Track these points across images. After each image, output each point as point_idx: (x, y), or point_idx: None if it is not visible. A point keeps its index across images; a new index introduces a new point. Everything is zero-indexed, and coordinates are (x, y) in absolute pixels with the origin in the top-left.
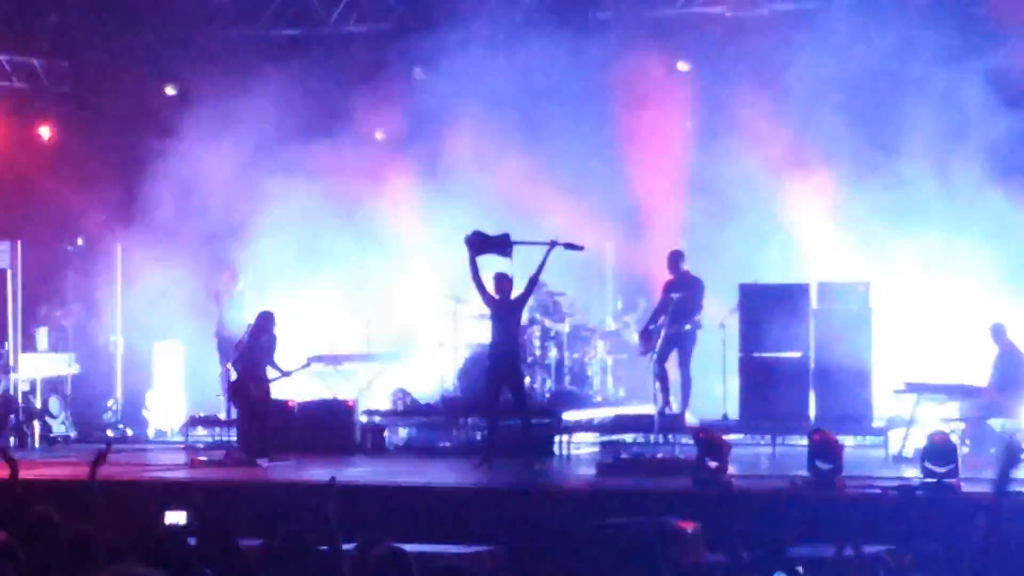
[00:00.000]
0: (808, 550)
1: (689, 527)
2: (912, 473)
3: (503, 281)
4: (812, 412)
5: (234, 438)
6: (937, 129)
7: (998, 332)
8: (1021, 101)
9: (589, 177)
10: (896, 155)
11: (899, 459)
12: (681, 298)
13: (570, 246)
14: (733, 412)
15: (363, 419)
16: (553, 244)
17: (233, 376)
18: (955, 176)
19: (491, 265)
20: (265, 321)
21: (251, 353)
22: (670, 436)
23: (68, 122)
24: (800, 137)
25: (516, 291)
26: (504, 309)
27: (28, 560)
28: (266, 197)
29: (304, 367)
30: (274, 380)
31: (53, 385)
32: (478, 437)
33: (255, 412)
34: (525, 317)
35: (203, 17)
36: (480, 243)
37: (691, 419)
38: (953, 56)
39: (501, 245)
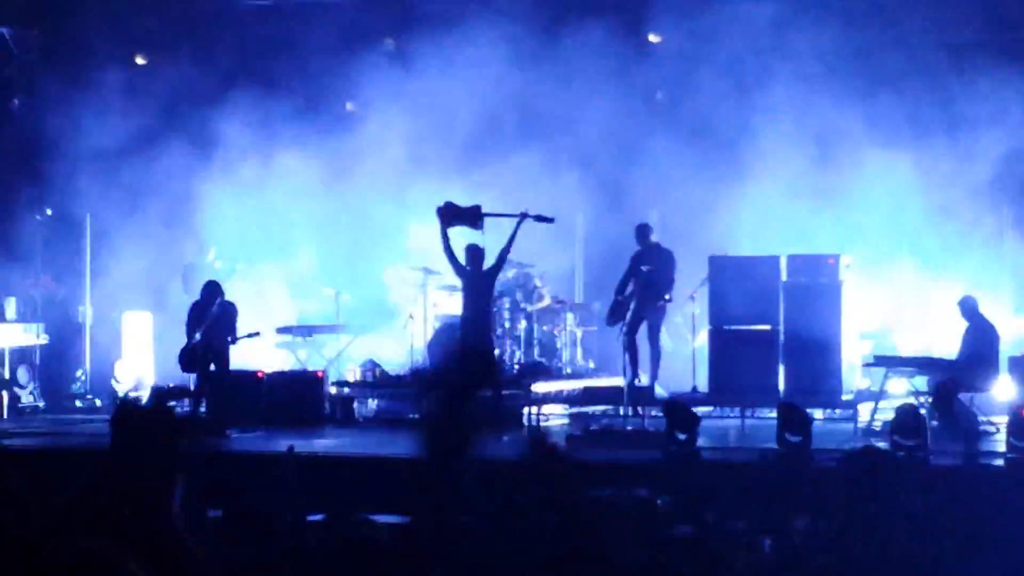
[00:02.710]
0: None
1: (658, 499)
2: (881, 446)
3: (475, 252)
4: (781, 385)
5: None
6: (911, 101)
7: (967, 305)
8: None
9: (559, 148)
10: (869, 127)
11: (868, 432)
12: (651, 270)
13: (540, 218)
14: (702, 384)
15: (332, 390)
16: (524, 216)
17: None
18: (929, 148)
19: (462, 237)
20: (211, 290)
21: (212, 323)
22: (639, 408)
23: (38, 92)
24: (772, 108)
25: (488, 263)
26: (475, 281)
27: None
28: (235, 167)
29: (252, 335)
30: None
31: (21, 355)
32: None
33: (217, 381)
34: (496, 291)
35: None
36: (451, 214)
37: (660, 391)
38: (928, 30)
39: (472, 216)
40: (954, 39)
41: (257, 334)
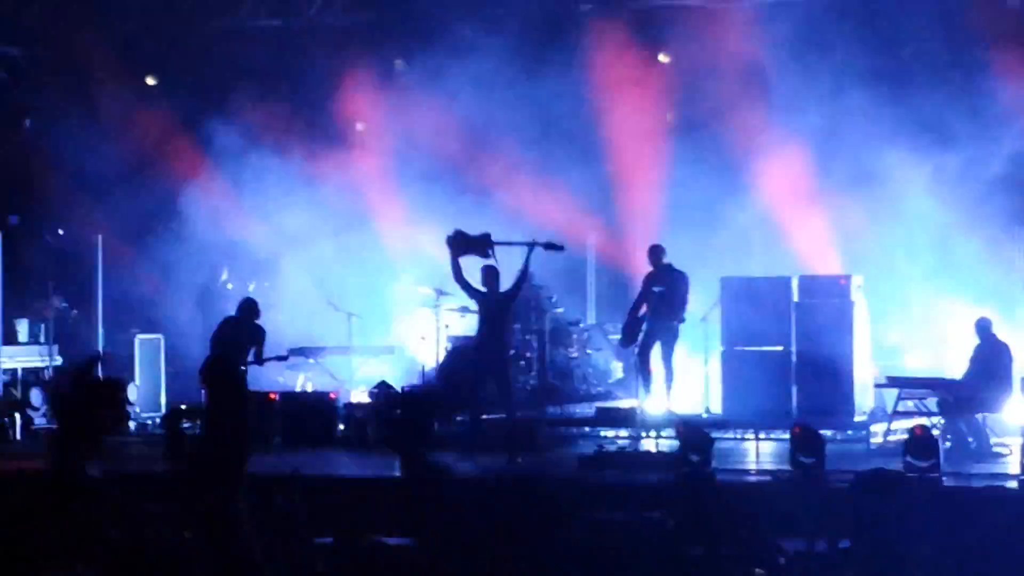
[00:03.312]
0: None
1: (671, 521)
2: (894, 467)
3: (491, 273)
4: (794, 406)
5: None
6: (923, 121)
7: (981, 325)
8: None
9: (570, 170)
10: (881, 148)
11: (881, 453)
12: (663, 292)
13: (550, 246)
14: (715, 406)
15: (345, 412)
16: (533, 244)
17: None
18: (942, 169)
19: (474, 264)
20: (250, 307)
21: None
22: (652, 430)
23: (49, 113)
24: (782, 129)
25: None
26: (491, 303)
27: None
28: (247, 189)
29: (280, 358)
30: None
31: (34, 377)
32: (461, 430)
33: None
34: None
35: (184, 7)
36: (461, 243)
37: (673, 413)
38: (934, 49)
39: (482, 245)
40: (972, 55)
41: (286, 357)
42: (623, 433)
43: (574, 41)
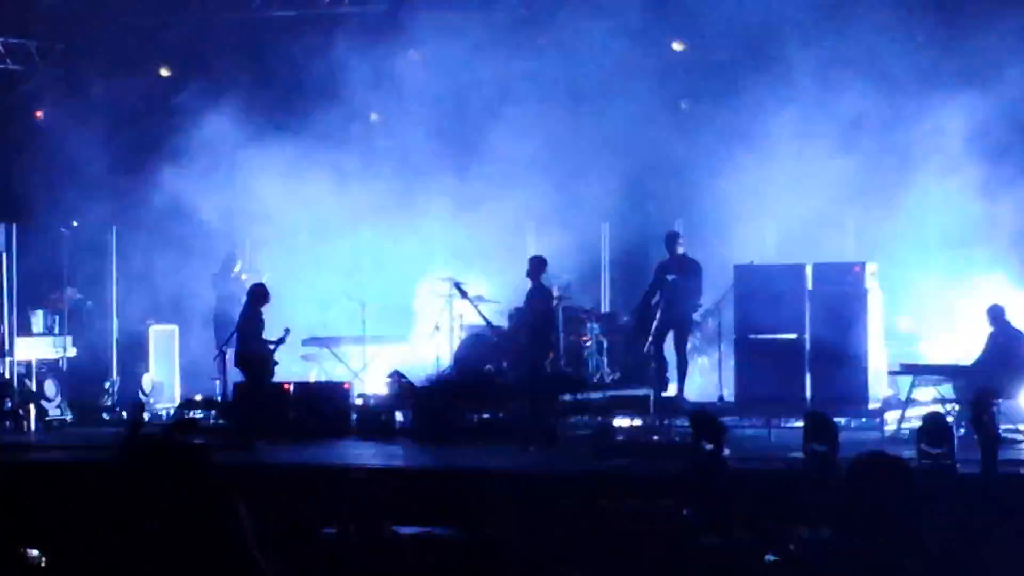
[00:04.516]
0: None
1: (685, 509)
2: (907, 455)
3: (536, 263)
4: (808, 394)
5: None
6: (938, 108)
7: (994, 312)
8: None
9: (584, 158)
10: (895, 134)
11: (895, 440)
12: (677, 280)
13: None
14: (729, 394)
15: (359, 402)
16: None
17: (229, 353)
18: (954, 156)
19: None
20: (262, 291)
21: (251, 325)
22: (666, 418)
23: (63, 104)
24: (798, 116)
25: None
26: (532, 293)
27: None
28: (261, 178)
29: (280, 341)
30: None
31: (49, 368)
32: (474, 420)
33: (254, 392)
34: None
35: None
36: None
37: (687, 401)
38: (947, 36)
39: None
40: (992, 45)
41: (284, 339)
42: (636, 421)
43: (588, 30)
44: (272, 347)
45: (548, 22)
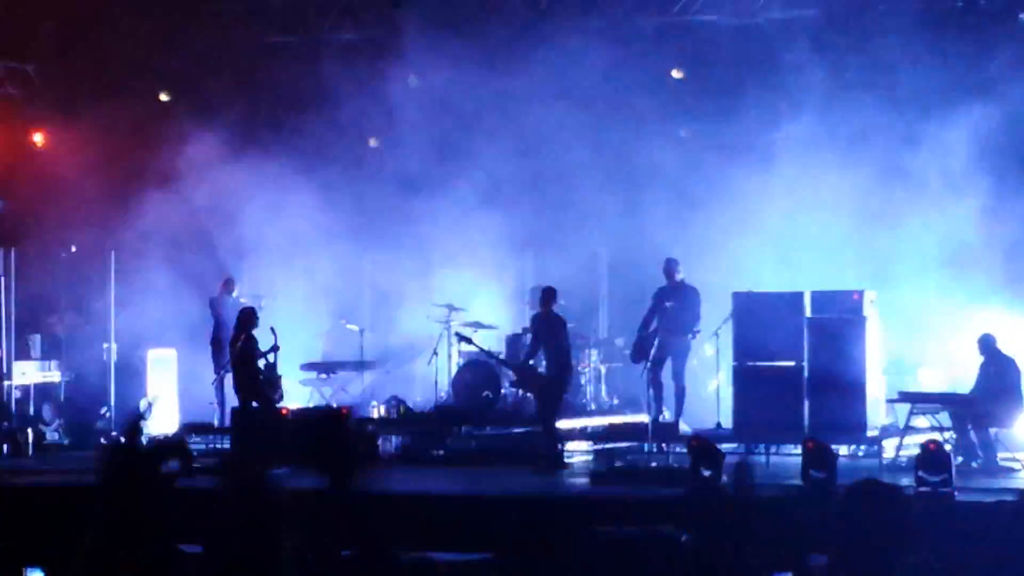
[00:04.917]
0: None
1: (682, 536)
2: (906, 482)
3: (544, 294)
4: (806, 421)
5: (227, 445)
6: (937, 137)
7: (986, 343)
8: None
9: (582, 184)
10: (895, 160)
11: (893, 468)
12: (675, 307)
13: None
14: (727, 421)
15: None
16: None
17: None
18: (954, 184)
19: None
20: (251, 317)
21: (248, 356)
22: (664, 445)
23: (62, 128)
24: (795, 145)
25: None
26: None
27: None
28: (260, 203)
29: (274, 347)
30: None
31: (46, 392)
32: (473, 445)
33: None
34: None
35: (198, 24)
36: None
37: (684, 428)
38: (947, 62)
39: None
40: (993, 65)
41: (276, 345)
42: (635, 448)
43: (586, 58)
44: (271, 359)
45: (547, 46)
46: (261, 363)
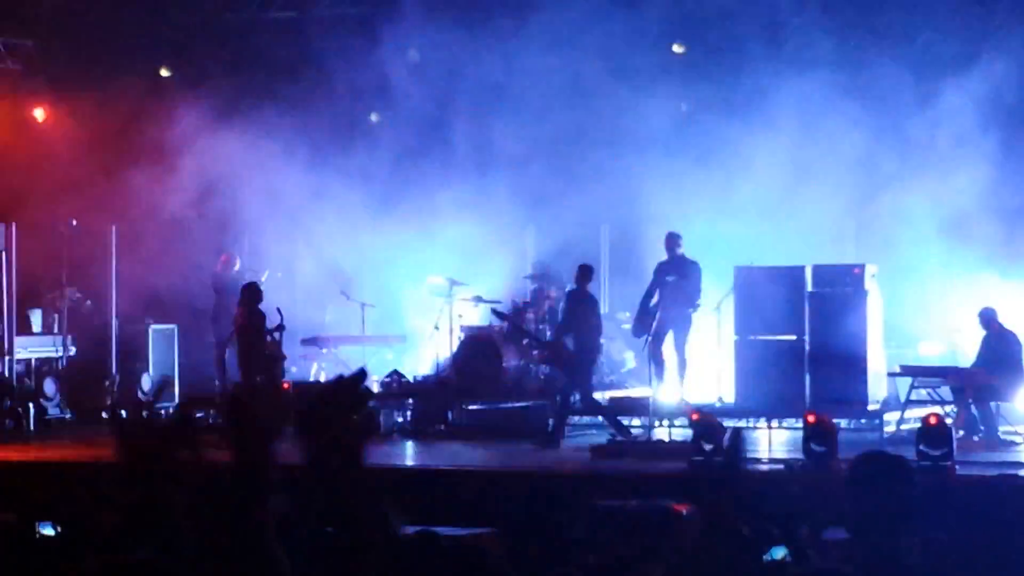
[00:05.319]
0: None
1: (684, 509)
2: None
3: (582, 271)
4: (807, 395)
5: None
6: (937, 110)
7: (987, 316)
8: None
9: (583, 159)
10: (895, 135)
11: (894, 441)
12: (676, 281)
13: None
14: (728, 395)
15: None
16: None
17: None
18: (955, 157)
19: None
20: (255, 291)
21: (253, 331)
22: (665, 419)
23: (62, 103)
24: (796, 118)
25: None
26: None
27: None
28: (260, 179)
29: (280, 326)
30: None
31: (47, 367)
32: (474, 419)
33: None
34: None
35: None
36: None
37: (686, 402)
38: (950, 36)
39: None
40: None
41: (282, 323)
42: (636, 422)
43: (587, 32)
44: (277, 337)
45: (548, 21)
46: (267, 339)
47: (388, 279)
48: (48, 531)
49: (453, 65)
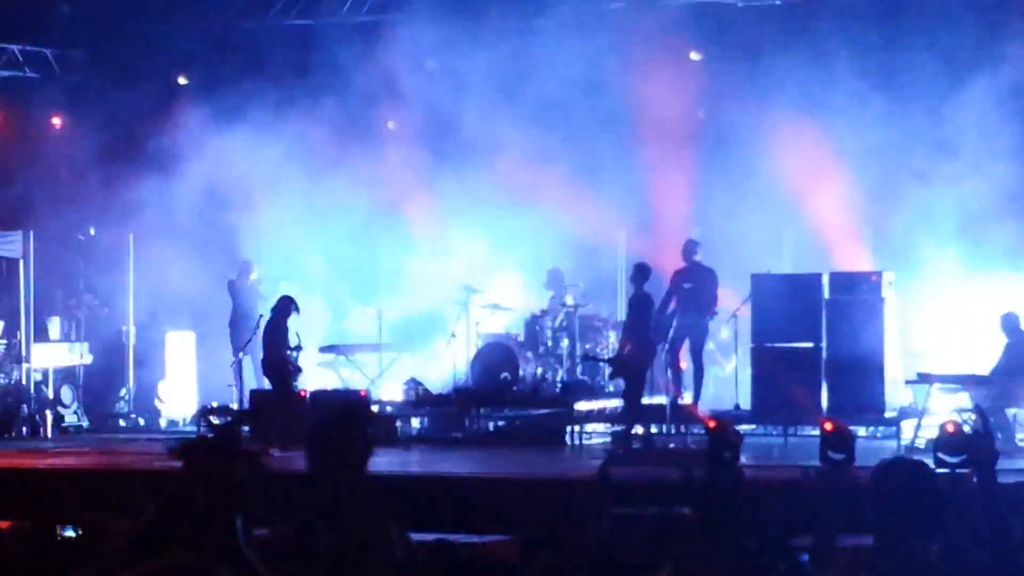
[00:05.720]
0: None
1: (699, 518)
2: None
3: (639, 270)
4: (824, 402)
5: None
6: (958, 117)
7: (1008, 321)
8: None
9: (601, 167)
10: (913, 144)
11: (911, 449)
12: (693, 288)
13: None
14: (745, 402)
15: (375, 409)
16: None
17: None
18: (973, 165)
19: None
20: (288, 304)
21: (276, 336)
22: (682, 426)
23: (80, 112)
24: (813, 126)
25: None
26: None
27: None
28: (278, 187)
29: (298, 347)
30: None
31: (65, 375)
32: (490, 427)
33: (276, 399)
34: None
35: (215, 7)
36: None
37: (703, 409)
38: (966, 42)
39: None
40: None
41: (299, 346)
42: (652, 429)
43: (605, 39)
44: (294, 356)
45: (565, 29)
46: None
47: (405, 287)
48: (70, 533)
49: (467, 70)
